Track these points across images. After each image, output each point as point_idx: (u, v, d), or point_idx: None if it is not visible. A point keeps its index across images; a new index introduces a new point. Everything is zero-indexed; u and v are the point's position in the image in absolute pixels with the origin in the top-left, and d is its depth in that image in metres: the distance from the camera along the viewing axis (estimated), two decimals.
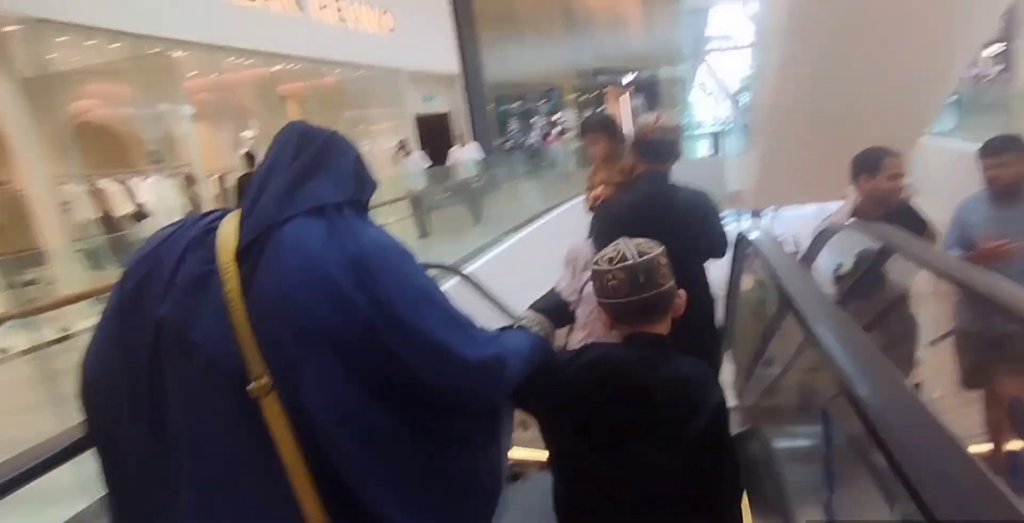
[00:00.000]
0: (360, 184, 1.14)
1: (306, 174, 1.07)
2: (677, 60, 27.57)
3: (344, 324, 0.97)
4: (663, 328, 1.35)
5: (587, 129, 2.87)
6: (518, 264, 7.12)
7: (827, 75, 9.50)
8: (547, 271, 2.80)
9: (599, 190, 2.53)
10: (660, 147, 2.22)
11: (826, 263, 2.92)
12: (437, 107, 14.14)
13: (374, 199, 1.19)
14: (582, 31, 21.66)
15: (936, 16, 8.41)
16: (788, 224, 24.42)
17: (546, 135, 18.64)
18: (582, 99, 22.48)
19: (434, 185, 9.57)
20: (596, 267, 1.34)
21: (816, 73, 9.36)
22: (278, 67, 9.71)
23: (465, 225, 8.69)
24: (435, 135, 13.83)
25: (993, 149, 2.80)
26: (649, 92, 26.66)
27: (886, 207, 2.72)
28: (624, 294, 1.29)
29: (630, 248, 1.31)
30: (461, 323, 1.11)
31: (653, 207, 2.18)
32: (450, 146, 14.20)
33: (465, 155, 10.73)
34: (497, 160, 13.85)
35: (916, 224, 2.74)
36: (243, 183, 7.30)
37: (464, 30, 14.43)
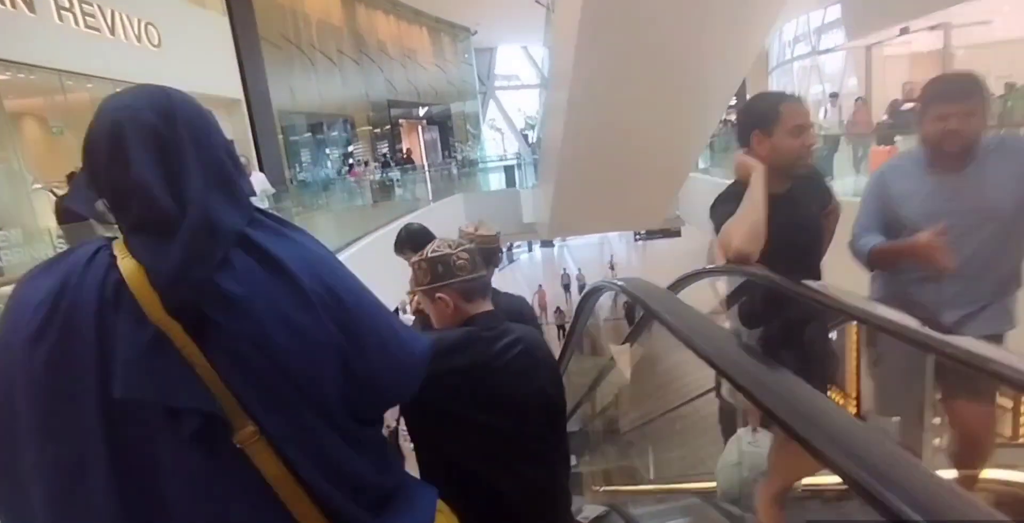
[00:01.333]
0: (241, 173, 1.01)
1: (201, 195, 0.90)
2: (468, 96, 28.68)
3: (320, 360, 0.94)
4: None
5: (400, 247, 2.69)
6: None
7: (609, 117, 10.35)
8: None
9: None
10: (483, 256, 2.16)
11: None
12: None
13: None
14: (375, 63, 21.43)
15: (699, 74, 9.61)
16: (575, 253, 26.11)
17: (350, 167, 18.02)
18: (377, 131, 22.14)
19: None
20: (436, 253, 1.45)
21: (599, 115, 10.23)
22: (3, 76, 7.98)
23: None
24: None
25: (959, 92, 1.94)
26: (442, 126, 27.29)
27: (791, 173, 2.01)
28: (470, 271, 1.44)
29: (456, 239, 1.52)
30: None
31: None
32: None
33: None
34: (288, 192, 12.86)
35: (823, 196, 2.20)
36: (61, 207, 5.75)
37: (247, 53, 13.33)
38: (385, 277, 10.47)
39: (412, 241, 2.60)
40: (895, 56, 13.81)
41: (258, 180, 5.85)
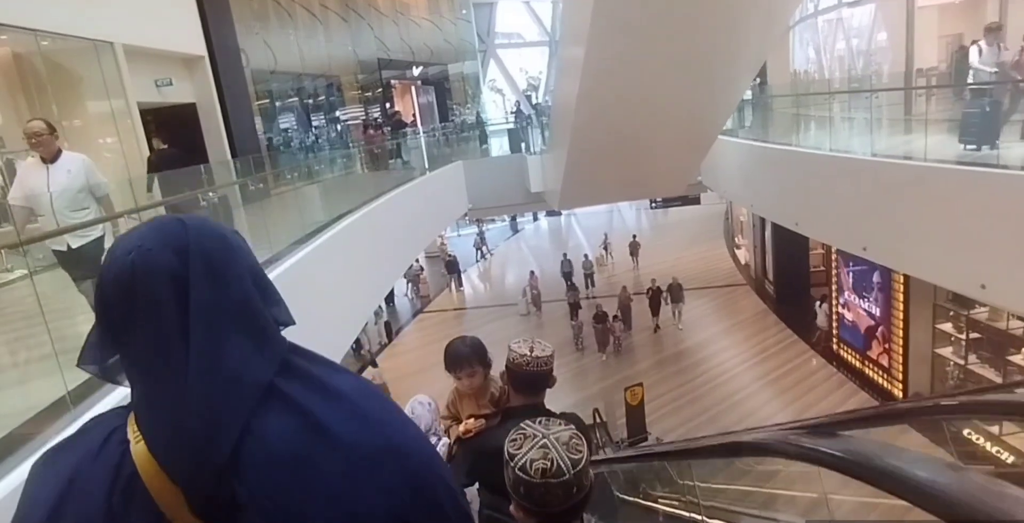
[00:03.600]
0: (274, 301, 0.92)
1: (212, 346, 0.81)
2: (466, 56, 26.78)
3: None
4: None
5: (461, 360, 2.46)
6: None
7: (631, 76, 9.02)
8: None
9: (471, 424, 2.33)
10: (536, 380, 2.12)
11: None
12: (179, 96, 11.21)
13: None
14: (363, 18, 19.60)
15: (733, 28, 8.20)
16: (583, 221, 24.52)
17: (365, 128, 16.81)
18: (367, 94, 20.46)
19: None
20: (524, 477, 1.21)
21: (619, 73, 8.90)
22: None
23: None
24: (177, 132, 11.01)
25: None
26: (439, 88, 25.51)
27: None
28: (557, 504, 1.22)
29: (561, 456, 1.20)
30: None
31: None
32: (201, 144, 11.43)
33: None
34: (263, 161, 11.32)
35: None
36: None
37: (211, 4, 11.62)
38: (371, 259, 9.14)
39: (478, 355, 2.49)
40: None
41: (75, 167, 3.77)
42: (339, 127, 18.51)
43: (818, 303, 14.21)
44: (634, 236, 23.41)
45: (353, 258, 7.74)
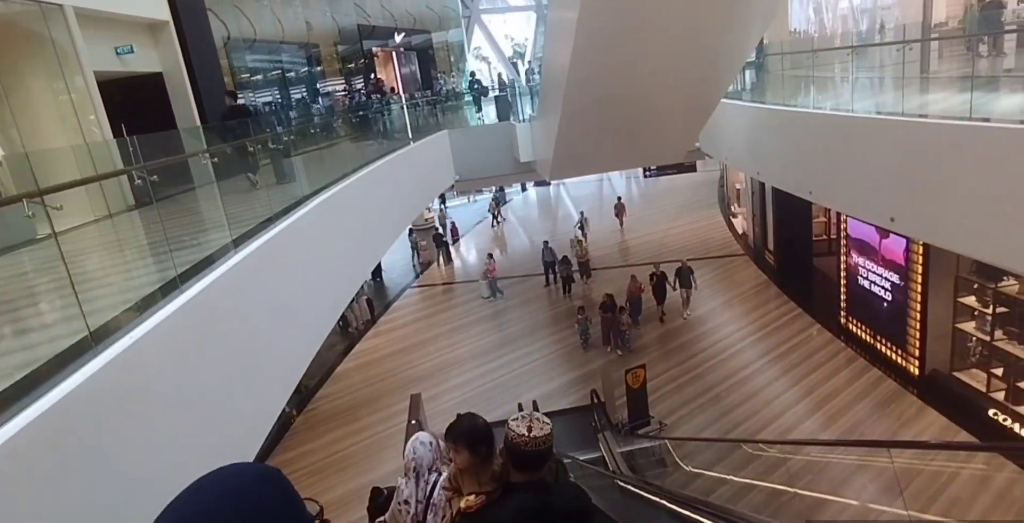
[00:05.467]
0: None
1: None
2: (450, 23, 25.71)
3: None
4: None
5: (449, 436, 2.48)
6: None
7: (628, 38, 8.31)
8: None
9: (471, 500, 2.30)
10: (536, 459, 2.13)
11: None
12: (143, 65, 10.39)
13: None
14: None
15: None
16: (573, 191, 23.87)
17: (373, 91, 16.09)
18: (351, 65, 19.53)
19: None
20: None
21: (616, 35, 8.19)
22: None
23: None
24: (144, 102, 10.21)
25: None
26: (422, 56, 24.50)
27: None
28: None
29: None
30: None
31: (536, 520, 2.20)
32: (172, 119, 10.72)
33: None
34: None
35: None
36: None
37: None
38: (355, 233, 8.52)
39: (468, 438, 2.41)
40: None
41: None
42: (319, 97, 17.65)
43: None
44: (619, 198, 23.09)
45: (335, 232, 7.21)
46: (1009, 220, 5.15)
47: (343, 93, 17.76)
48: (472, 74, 20.04)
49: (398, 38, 22.36)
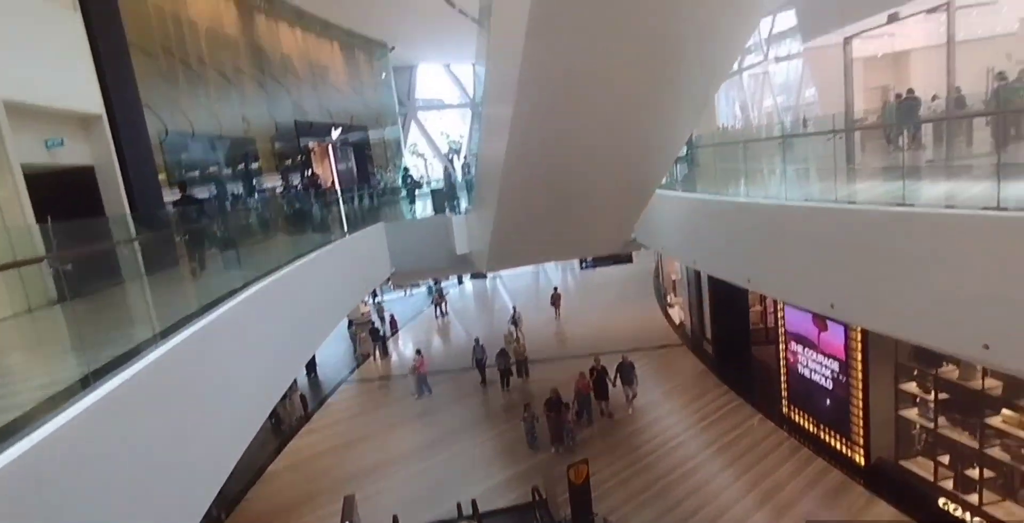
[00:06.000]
0: None
1: None
2: (387, 119, 26.51)
3: None
4: None
5: None
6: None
7: (562, 132, 8.54)
8: None
9: None
10: None
11: None
12: (74, 158, 10.06)
13: None
14: (279, 81, 18.97)
15: (669, 81, 7.84)
16: (509, 283, 23.80)
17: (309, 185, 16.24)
18: (288, 161, 19.57)
19: None
20: None
21: (550, 130, 8.41)
22: None
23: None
24: (73, 197, 9.83)
25: None
26: (359, 152, 24.92)
27: None
28: None
29: None
30: None
31: None
32: (103, 211, 10.34)
33: None
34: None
35: None
36: None
37: (110, 60, 10.64)
38: (285, 328, 8.04)
39: None
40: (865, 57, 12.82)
41: None
42: (256, 192, 17.46)
43: None
44: (555, 288, 23.57)
45: (266, 325, 6.77)
46: (942, 302, 5.27)
47: (279, 188, 17.68)
48: (405, 169, 20.57)
49: (335, 134, 22.78)
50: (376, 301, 27.19)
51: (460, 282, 31.72)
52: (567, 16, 6.27)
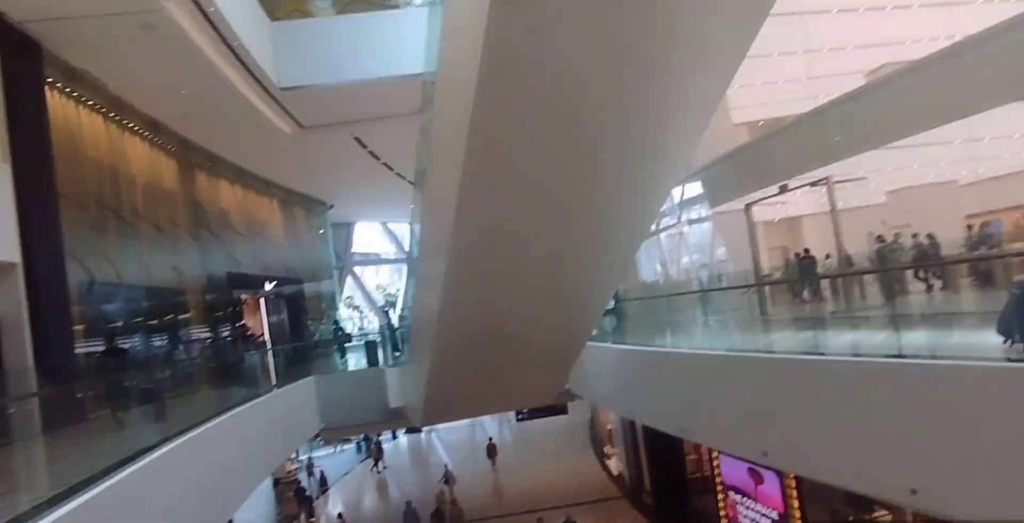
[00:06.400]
0: None
1: None
2: (322, 273, 26.70)
3: None
4: None
5: None
6: None
7: (495, 287, 8.82)
8: None
9: None
10: None
11: None
12: None
13: None
14: (216, 235, 19.11)
15: (595, 238, 8.32)
16: (445, 436, 22.84)
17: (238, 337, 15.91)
18: (218, 313, 19.11)
19: None
20: None
21: (483, 285, 8.68)
22: None
23: None
24: None
25: None
26: (294, 305, 24.64)
27: None
28: None
29: None
30: None
31: None
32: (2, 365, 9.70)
33: None
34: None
35: None
36: None
37: (34, 209, 10.59)
38: (204, 486, 7.30)
39: None
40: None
41: None
42: (182, 344, 16.75)
43: None
44: (491, 438, 23.03)
45: (182, 483, 6.22)
46: (869, 448, 5.43)
47: (207, 339, 17.05)
48: (336, 322, 20.45)
49: (269, 286, 22.66)
50: (307, 457, 25.47)
51: (394, 436, 30.20)
52: (497, 180, 6.78)
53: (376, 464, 24.96)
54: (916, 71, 10.23)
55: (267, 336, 19.03)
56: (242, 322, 18.79)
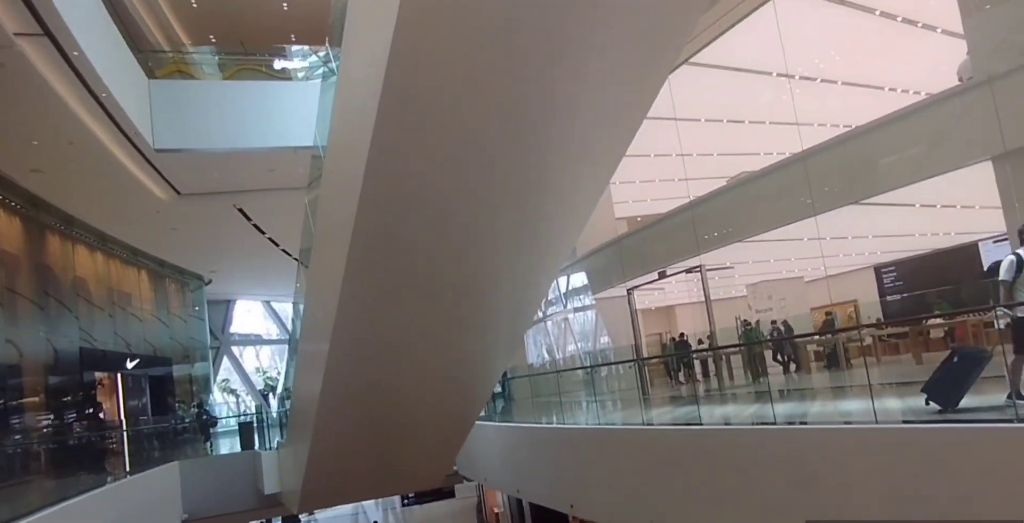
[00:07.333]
0: None
1: None
2: (195, 354, 24.78)
3: None
4: None
5: None
6: None
7: (381, 368, 8.72)
8: None
9: None
10: None
11: None
12: None
13: None
14: (67, 308, 17.34)
15: (484, 319, 8.43)
16: None
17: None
18: (66, 398, 17.04)
19: None
20: None
21: (368, 366, 8.60)
22: None
23: None
24: None
25: None
26: (160, 385, 22.53)
27: None
28: None
29: None
30: None
31: None
32: None
33: None
34: None
35: None
36: None
37: None
38: None
39: None
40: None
41: None
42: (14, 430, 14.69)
43: None
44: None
45: None
46: (750, 509, 5.80)
47: (48, 426, 15.08)
48: (199, 405, 18.89)
49: (130, 365, 20.74)
50: None
51: None
52: (383, 264, 6.75)
53: None
54: (769, 174, 11.74)
55: (121, 417, 17.17)
56: (94, 404, 16.88)
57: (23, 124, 11.06)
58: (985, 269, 12.68)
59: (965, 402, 5.00)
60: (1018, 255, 5.12)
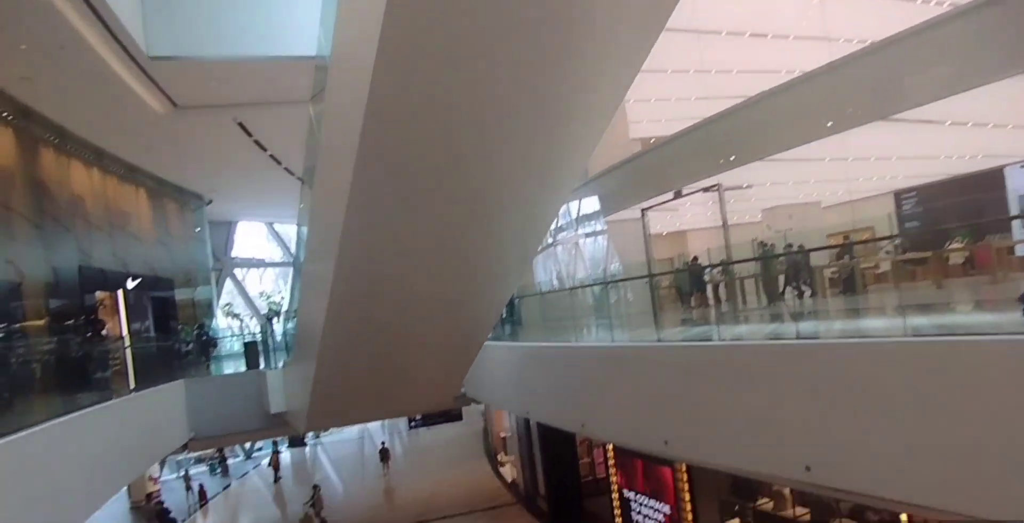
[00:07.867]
0: None
1: None
2: (197, 277, 24.60)
3: None
4: None
5: None
6: None
7: (387, 284, 8.47)
8: None
9: None
10: None
11: None
12: None
13: None
14: (65, 227, 16.94)
15: (494, 234, 8.12)
16: (331, 451, 21.77)
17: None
18: (67, 317, 16.90)
19: None
20: None
21: (374, 283, 8.32)
22: None
23: None
24: None
25: None
26: (161, 310, 22.47)
27: None
28: None
29: None
30: None
31: None
32: None
33: None
34: None
35: None
36: None
37: None
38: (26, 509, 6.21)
39: None
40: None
41: None
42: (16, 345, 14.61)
43: None
44: (383, 443, 22.53)
45: None
46: (764, 429, 5.57)
47: (48, 341, 14.99)
48: (200, 326, 18.81)
49: (131, 285, 20.58)
50: (183, 472, 23.55)
51: (277, 451, 28.33)
52: (391, 182, 6.45)
53: (277, 473, 23.95)
54: (792, 87, 10.93)
55: (124, 332, 17.11)
56: (96, 316, 16.74)
57: (8, 27, 10.26)
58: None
59: None
60: None
